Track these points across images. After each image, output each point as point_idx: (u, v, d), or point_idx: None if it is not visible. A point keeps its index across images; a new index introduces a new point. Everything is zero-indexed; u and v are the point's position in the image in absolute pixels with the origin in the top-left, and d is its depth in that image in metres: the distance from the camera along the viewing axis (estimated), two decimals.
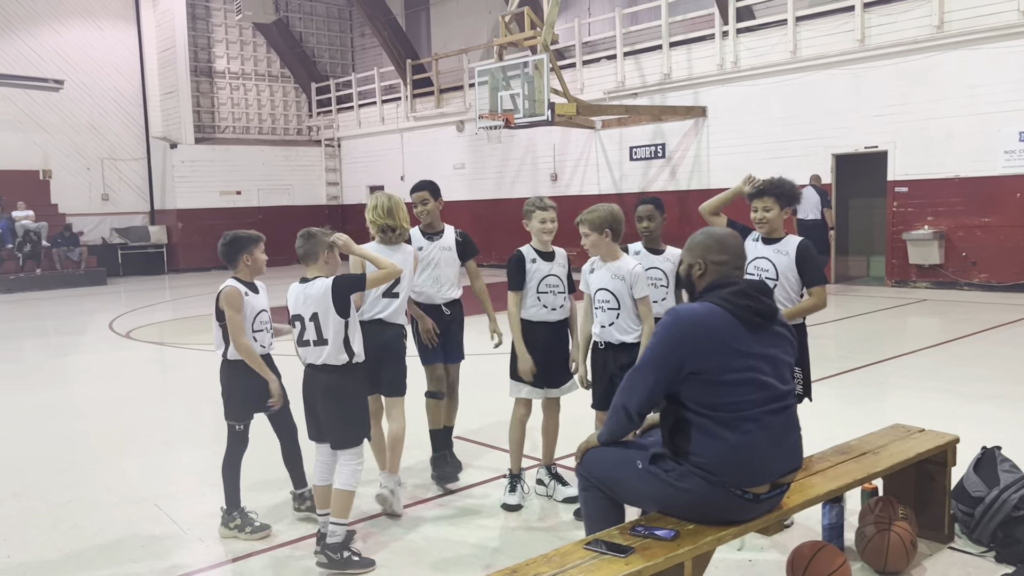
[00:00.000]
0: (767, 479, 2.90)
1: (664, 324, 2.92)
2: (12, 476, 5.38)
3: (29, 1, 21.43)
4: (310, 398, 3.94)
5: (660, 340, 2.89)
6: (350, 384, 3.90)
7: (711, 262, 3.00)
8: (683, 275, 3.11)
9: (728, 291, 2.89)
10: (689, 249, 3.08)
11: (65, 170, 22.10)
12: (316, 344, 3.84)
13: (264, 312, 4.32)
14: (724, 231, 3.13)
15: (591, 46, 18.51)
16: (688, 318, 2.87)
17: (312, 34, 26.06)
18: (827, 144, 14.44)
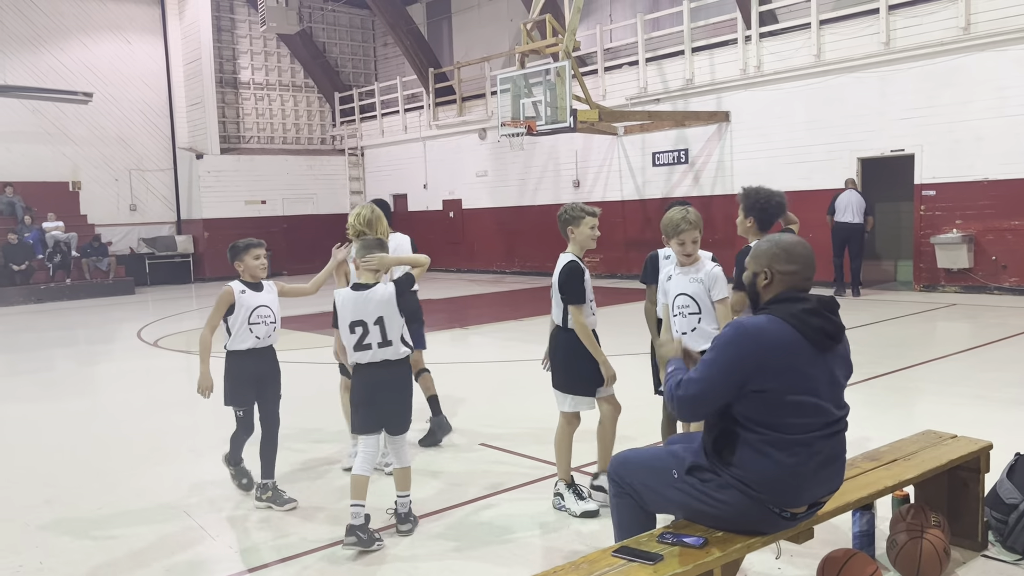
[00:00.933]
0: (808, 501, 2.87)
1: (729, 338, 2.77)
2: (44, 483, 5.45)
3: (58, 16, 21.82)
4: (368, 393, 4.19)
5: (723, 355, 2.75)
6: (408, 374, 4.29)
7: (778, 272, 2.84)
8: (747, 283, 2.95)
9: (799, 308, 2.75)
10: (755, 257, 2.91)
11: (94, 181, 22.44)
12: (380, 346, 4.14)
13: (264, 307, 4.75)
14: (793, 239, 2.92)
15: (613, 52, 18.50)
16: (755, 334, 2.73)
17: (335, 44, 26.29)
18: (852, 148, 14.31)
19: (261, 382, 4.77)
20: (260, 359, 4.78)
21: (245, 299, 4.72)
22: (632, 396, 7.31)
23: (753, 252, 2.93)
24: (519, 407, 7.05)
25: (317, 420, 6.77)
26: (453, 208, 22.54)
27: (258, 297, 4.77)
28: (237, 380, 4.73)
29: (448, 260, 22.86)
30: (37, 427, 7.06)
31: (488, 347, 10.57)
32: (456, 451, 5.73)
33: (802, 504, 2.85)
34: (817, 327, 2.74)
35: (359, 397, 4.24)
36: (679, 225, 4.24)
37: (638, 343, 10.13)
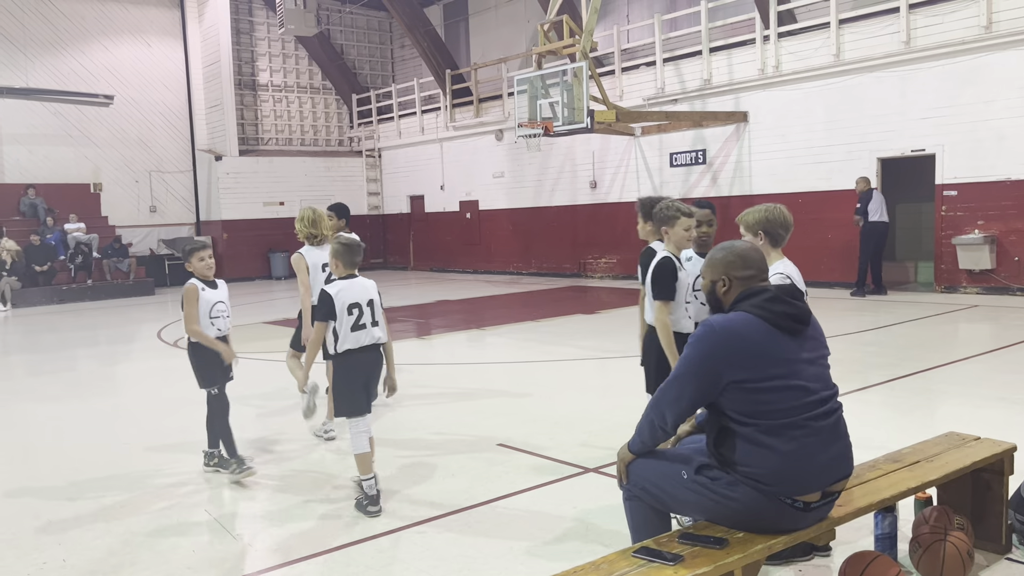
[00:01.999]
0: (817, 487, 2.86)
1: (698, 335, 2.87)
2: (66, 480, 5.51)
3: (80, 19, 22.06)
4: (367, 374, 4.75)
5: (695, 351, 2.85)
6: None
7: (736, 277, 2.96)
8: (707, 292, 3.06)
9: (761, 299, 2.86)
10: (711, 266, 3.02)
11: (115, 183, 22.67)
12: (372, 325, 4.74)
13: (220, 303, 5.37)
14: (745, 244, 3.06)
15: (630, 53, 18.46)
16: (723, 328, 2.83)
17: (353, 46, 26.41)
18: (872, 148, 14.20)
19: (223, 366, 5.37)
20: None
21: (205, 295, 5.31)
22: (642, 398, 7.30)
23: (709, 261, 3.03)
24: (537, 408, 7.05)
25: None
26: (470, 209, 22.57)
27: (215, 294, 5.38)
28: (210, 364, 5.32)
29: (465, 261, 22.89)
30: (59, 426, 7.14)
31: (505, 348, 10.57)
32: (474, 451, 5.74)
33: (813, 491, 2.84)
34: (782, 312, 2.82)
35: (357, 381, 4.68)
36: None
37: None
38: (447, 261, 23.56)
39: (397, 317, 14.36)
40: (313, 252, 6.22)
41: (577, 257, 19.77)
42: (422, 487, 5.01)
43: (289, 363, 6.58)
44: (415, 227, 24.74)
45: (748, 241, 3.03)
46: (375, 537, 4.25)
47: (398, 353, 10.73)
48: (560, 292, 17.26)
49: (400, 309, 15.44)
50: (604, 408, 6.93)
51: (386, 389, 4.88)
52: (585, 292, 17.01)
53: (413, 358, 10.21)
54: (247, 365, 9.74)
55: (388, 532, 4.30)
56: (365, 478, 4.62)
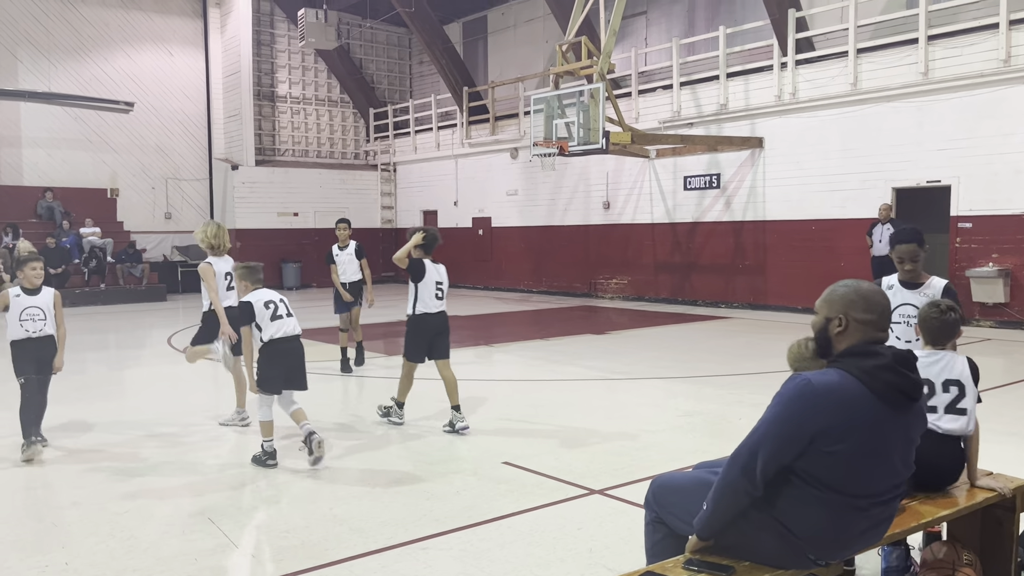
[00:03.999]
0: (847, 554, 2.79)
1: (794, 394, 2.56)
2: (72, 485, 5.51)
3: (104, 26, 22.33)
4: (290, 363, 5.91)
5: (788, 412, 2.56)
6: None
7: (854, 319, 2.66)
8: (818, 329, 2.74)
9: (872, 364, 2.57)
10: (828, 301, 2.72)
11: (131, 189, 22.84)
12: (288, 316, 5.94)
13: (33, 308, 6.24)
14: (871, 286, 2.75)
15: (647, 76, 18.54)
16: (823, 390, 2.54)
17: (372, 61, 26.62)
18: (887, 178, 14.18)
19: (40, 361, 6.31)
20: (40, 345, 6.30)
21: (19, 302, 6.23)
22: (654, 419, 7.27)
23: (827, 297, 2.76)
24: (543, 427, 7.02)
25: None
26: (482, 226, 22.62)
27: (30, 300, 6.27)
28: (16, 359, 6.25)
29: (476, 277, 22.92)
30: (66, 429, 7.15)
31: (512, 365, 10.55)
32: (479, 469, 5.71)
33: (842, 557, 2.77)
34: (892, 385, 2.56)
35: (279, 367, 5.85)
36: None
37: (668, 365, 10.07)
38: (458, 276, 23.55)
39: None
40: (217, 261, 7.08)
41: (588, 277, 19.76)
42: (426, 503, 4.99)
43: (187, 355, 7.39)
44: None
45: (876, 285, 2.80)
46: (378, 552, 4.23)
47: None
48: (570, 311, 17.23)
49: None
50: (611, 429, 6.90)
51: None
52: (595, 312, 16.98)
53: (419, 373, 10.18)
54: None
55: (391, 547, 4.28)
56: (267, 440, 5.86)
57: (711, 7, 18.53)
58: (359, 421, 7.43)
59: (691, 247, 17.51)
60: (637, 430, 6.86)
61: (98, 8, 22.25)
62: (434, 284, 6.95)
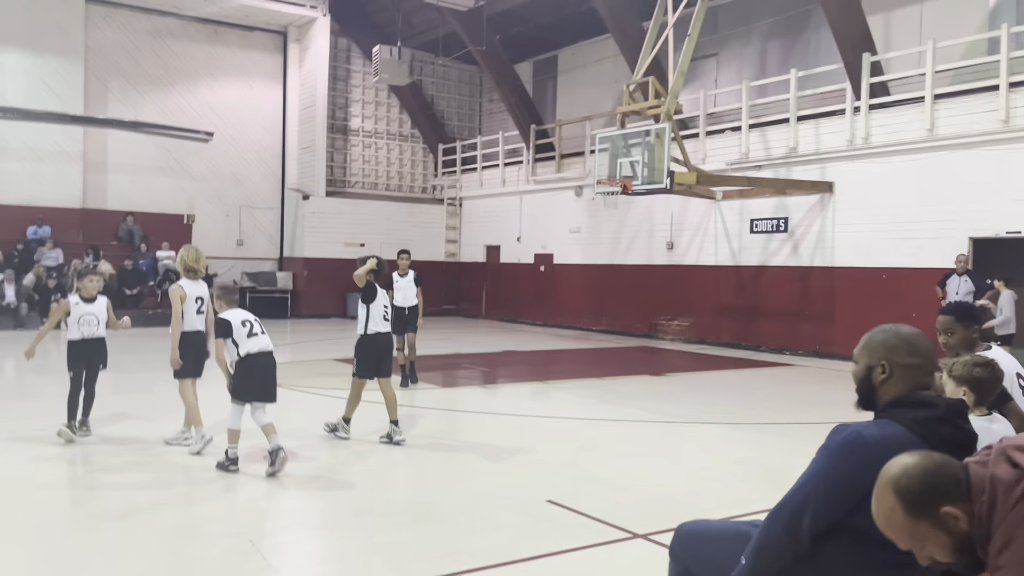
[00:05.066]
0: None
1: (844, 448, 2.43)
2: (123, 499, 5.63)
3: (190, 59, 23.34)
4: (267, 372, 6.41)
5: (839, 467, 2.42)
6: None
7: (898, 365, 2.52)
8: (860, 379, 2.61)
9: (926, 415, 2.43)
10: (868, 348, 2.60)
11: (206, 215, 23.62)
12: (262, 334, 6.45)
13: (89, 314, 7.40)
14: (911, 328, 2.62)
15: (716, 117, 18.41)
16: (876, 446, 2.39)
17: (443, 97, 27.13)
18: (964, 227, 13.69)
19: (90, 359, 7.47)
20: (91, 345, 7.44)
21: (78, 308, 7.36)
22: (708, 465, 7.06)
23: (866, 343, 2.63)
24: (592, 467, 6.89)
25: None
26: (544, 262, 22.64)
27: (88, 307, 7.40)
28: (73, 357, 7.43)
29: (536, 313, 22.88)
30: (127, 447, 7.34)
31: (567, 403, 10.44)
32: (522, 505, 5.63)
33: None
34: (948, 438, 2.41)
35: (253, 378, 6.32)
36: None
37: (726, 410, 9.82)
38: (518, 312, 23.60)
39: (463, 364, 14.39)
40: (190, 285, 7.26)
41: (649, 317, 19.53)
42: (465, 537, 4.92)
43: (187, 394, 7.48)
44: (489, 276, 24.93)
45: (916, 328, 2.64)
46: None
47: (462, 399, 10.73)
48: (629, 352, 17.03)
49: (467, 356, 15.47)
50: (662, 474, 6.74)
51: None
52: (654, 353, 16.74)
53: (474, 406, 10.18)
54: (306, 399, 9.89)
55: None
56: (231, 447, 6.31)
57: (783, 50, 18.36)
58: (404, 451, 7.42)
59: (756, 291, 17.16)
60: (689, 475, 6.68)
61: (186, 42, 23.28)
62: (382, 307, 7.62)
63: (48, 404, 8.46)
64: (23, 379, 12.29)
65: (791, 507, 2.50)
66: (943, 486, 2.05)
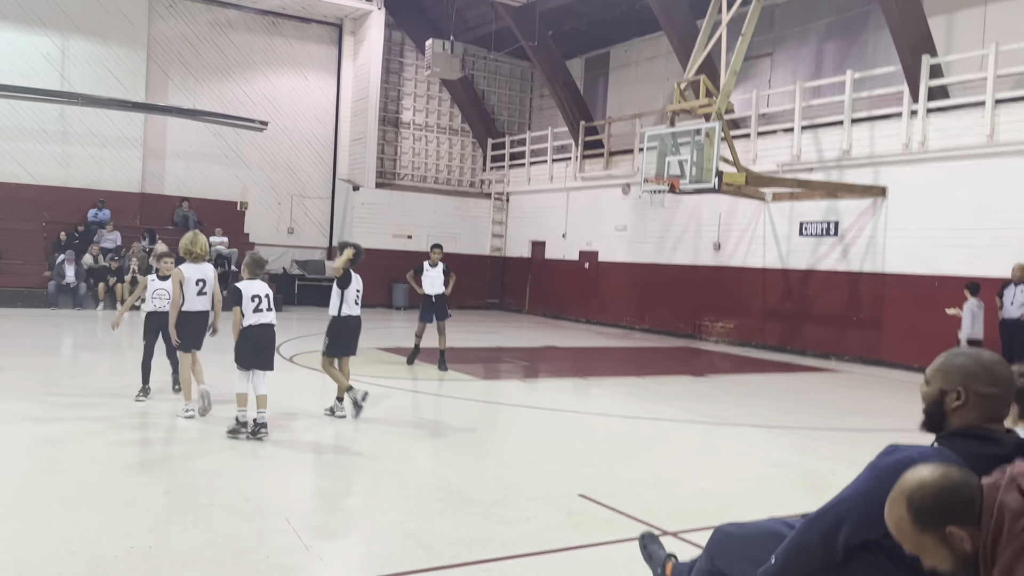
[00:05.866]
0: None
1: (891, 472, 2.26)
2: (168, 474, 5.83)
3: (248, 50, 23.82)
4: (261, 344, 7.04)
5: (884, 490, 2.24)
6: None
7: (975, 392, 2.38)
8: (931, 402, 2.47)
9: (990, 452, 2.30)
10: (944, 371, 2.46)
11: (259, 203, 24.11)
12: (268, 310, 7.07)
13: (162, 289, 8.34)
14: (993, 355, 2.49)
15: (768, 118, 18.16)
16: None
17: (494, 92, 27.23)
18: (1022, 236, 13.30)
19: (161, 330, 8.27)
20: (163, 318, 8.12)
21: (153, 283, 8.39)
22: (744, 467, 7.02)
23: (942, 366, 2.49)
24: (626, 464, 6.90)
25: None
26: (589, 259, 22.60)
27: (162, 284, 8.33)
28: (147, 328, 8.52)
29: (579, 310, 22.86)
30: (175, 424, 7.57)
31: (606, 400, 10.44)
32: (554, 498, 5.67)
33: None
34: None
35: (253, 347, 6.99)
36: None
37: (767, 414, 9.73)
38: (561, 308, 23.61)
39: (504, 358, 14.47)
40: (190, 268, 7.72)
41: (693, 318, 19.38)
42: (496, 527, 4.99)
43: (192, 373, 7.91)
44: (534, 272, 24.97)
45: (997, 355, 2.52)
46: (439, 568, 4.26)
47: (502, 392, 10.81)
48: (671, 352, 16.93)
49: (509, 350, 15.55)
50: (696, 474, 6.72)
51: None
52: (697, 354, 16.62)
53: (513, 399, 10.24)
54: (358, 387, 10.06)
55: (453, 566, 4.30)
56: (241, 410, 6.88)
57: (840, 51, 18.02)
58: (439, 439, 7.52)
59: (803, 295, 16.91)
60: (724, 476, 6.65)
61: (245, 33, 23.76)
62: (355, 291, 8.25)
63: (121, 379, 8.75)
64: (87, 355, 12.70)
65: (830, 518, 2.48)
66: (955, 507, 2.04)
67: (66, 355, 13.31)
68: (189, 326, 7.67)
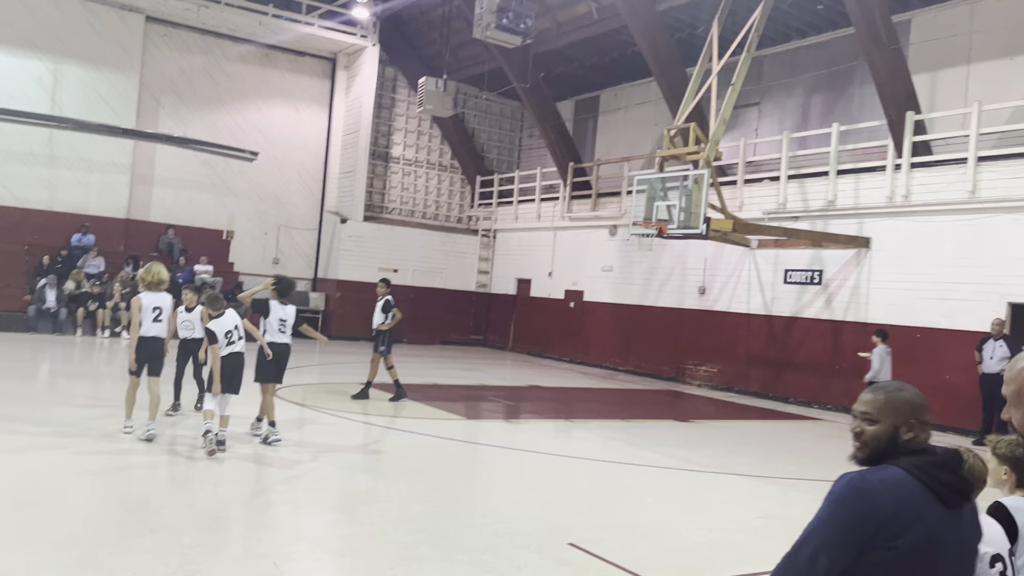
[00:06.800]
0: None
1: (849, 490, 2.44)
2: (152, 514, 5.73)
3: (241, 80, 23.92)
4: (236, 370, 7.97)
5: (845, 509, 2.42)
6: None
7: (921, 422, 2.56)
8: (883, 439, 2.60)
9: (927, 460, 2.50)
10: (895, 408, 2.61)
11: (245, 232, 24.04)
12: (239, 340, 8.03)
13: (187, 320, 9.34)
14: (913, 387, 2.70)
15: (755, 166, 18.43)
16: (881, 486, 2.45)
17: (484, 131, 27.48)
18: (1003, 292, 13.51)
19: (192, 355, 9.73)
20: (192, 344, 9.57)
21: (180, 315, 9.14)
22: (732, 518, 7.01)
23: (891, 403, 2.62)
24: (614, 512, 6.88)
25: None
26: (575, 299, 22.67)
27: (188, 315, 9.30)
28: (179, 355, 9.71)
29: (563, 349, 22.87)
30: (149, 461, 7.46)
31: (591, 443, 10.41)
32: (543, 548, 5.63)
33: None
34: (946, 483, 2.50)
35: (227, 374, 7.84)
36: None
37: (752, 462, 9.74)
38: (546, 347, 23.61)
39: (488, 396, 14.42)
40: (148, 296, 8.22)
41: (677, 361, 19.44)
42: None
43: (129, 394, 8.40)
44: (519, 309, 25.00)
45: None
46: None
47: (486, 432, 10.76)
48: (655, 395, 16.94)
49: (492, 389, 15.50)
50: (684, 524, 6.70)
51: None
52: (681, 398, 16.64)
53: (498, 440, 10.19)
54: (330, 421, 9.98)
55: None
56: (207, 423, 7.70)
57: (826, 103, 18.39)
58: (427, 481, 7.46)
59: (787, 342, 17.03)
60: (712, 527, 6.64)
61: (238, 64, 23.87)
62: (278, 320, 8.78)
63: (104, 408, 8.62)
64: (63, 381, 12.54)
65: (805, 554, 2.49)
66: None
67: (42, 382, 13.12)
68: (145, 351, 8.17)
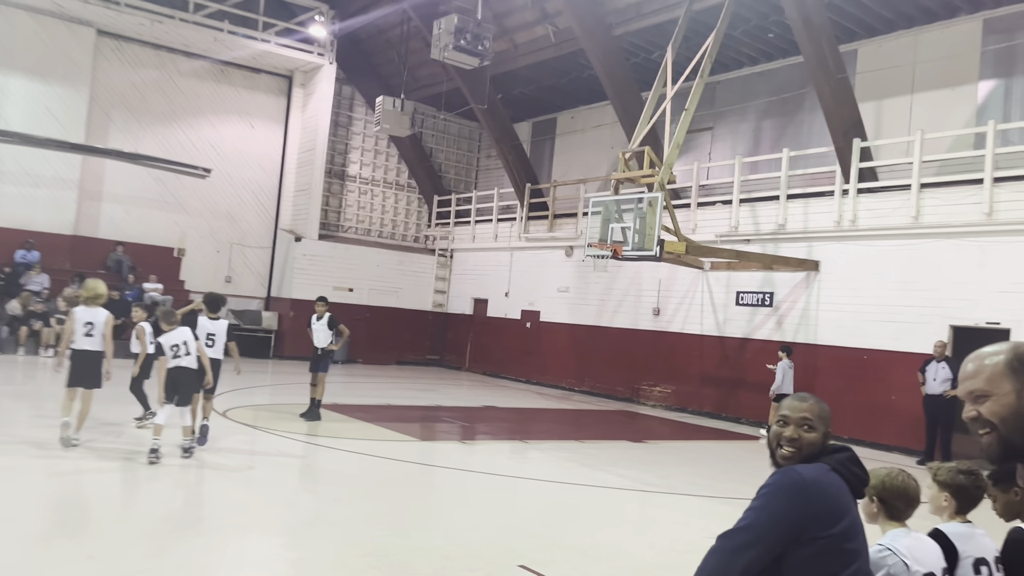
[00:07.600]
0: None
1: (786, 483, 2.61)
2: (91, 539, 5.57)
3: (195, 96, 23.62)
4: (179, 383, 8.31)
5: (775, 502, 2.59)
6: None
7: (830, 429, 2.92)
8: (819, 444, 2.82)
9: (845, 456, 2.77)
10: (826, 417, 2.90)
11: (197, 250, 23.65)
12: (186, 355, 8.42)
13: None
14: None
15: (708, 189, 18.75)
16: (814, 480, 2.64)
17: (442, 151, 27.53)
18: (945, 315, 13.90)
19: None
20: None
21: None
22: (683, 538, 7.05)
23: (822, 413, 2.88)
24: (566, 533, 6.87)
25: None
26: (531, 319, 22.72)
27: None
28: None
29: (519, 369, 22.88)
30: (94, 483, 7.26)
31: (545, 464, 10.41)
32: (494, 570, 5.60)
33: None
34: (858, 476, 2.78)
35: (173, 386, 8.27)
36: None
37: (704, 483, 9.82)
38: (502, 367, 23.59)
39: (443, 417, 14.34)
40: (83, 311, 8.62)
41: (632, 382, 19.57)
42: None
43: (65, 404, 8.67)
44: (475, 329, 24.96)
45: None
46: None
47: (440, 454, 10.69)
48: (610, 415, 17.02)
49: (447, 409, 15.42)
50: (636, 544, 6.72)
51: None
52: (635, 419, 16.73)
53: (452, 462, 10.13)
54: (279, 442, 9.83)
55: None
56: (156, 439, 8.03)
57: (777, 129, 18.82)
58: (379, 503, 7.37)
59: (739, 363, 17.27)
60: (664, 548, 6.67)
61: (192, 80, 23.58)
62: (206, 334, 9.29)
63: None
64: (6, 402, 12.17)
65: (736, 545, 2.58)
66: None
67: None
68: (76, 363, 8.53)
